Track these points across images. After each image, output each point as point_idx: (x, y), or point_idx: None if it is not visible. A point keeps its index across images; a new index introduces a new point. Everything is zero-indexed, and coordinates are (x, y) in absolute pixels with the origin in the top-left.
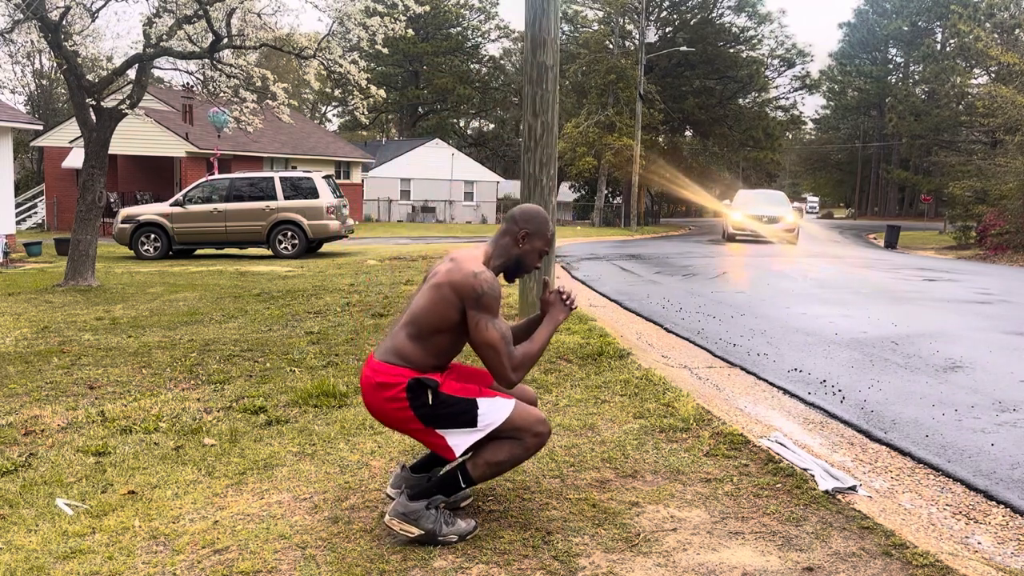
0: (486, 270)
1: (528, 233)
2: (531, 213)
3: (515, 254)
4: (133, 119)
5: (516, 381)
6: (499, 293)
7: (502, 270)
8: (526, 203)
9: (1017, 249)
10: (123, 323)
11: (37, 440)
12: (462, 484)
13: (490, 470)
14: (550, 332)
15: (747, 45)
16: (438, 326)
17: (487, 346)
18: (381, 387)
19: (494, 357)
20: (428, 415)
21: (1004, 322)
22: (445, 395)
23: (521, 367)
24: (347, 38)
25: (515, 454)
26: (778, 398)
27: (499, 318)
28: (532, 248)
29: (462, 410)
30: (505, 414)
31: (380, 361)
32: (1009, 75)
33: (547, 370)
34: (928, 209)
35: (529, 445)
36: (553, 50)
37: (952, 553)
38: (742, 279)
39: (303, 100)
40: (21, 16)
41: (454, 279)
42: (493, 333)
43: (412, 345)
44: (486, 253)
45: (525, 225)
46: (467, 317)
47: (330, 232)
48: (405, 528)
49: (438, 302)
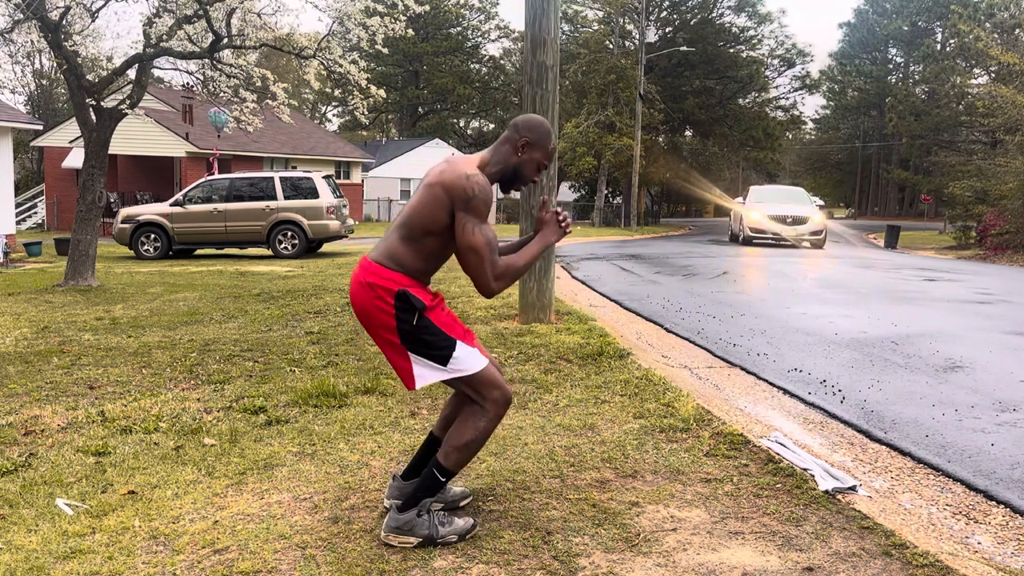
0: (479, 173)
1: (528, 142)
2: (534, 123)
3: (513, 163)
4: (133, 119)
5: (496, 291)
6: (490, 198)
7: (498, 178)
8: (530, 114)
9: (1017, 249)
10: (123, 323)
11: (37, 440)
12: (441, 479)
13: (461, 454)
14: (539, 250)
15: (747, 45)
16: (429, 227)
17: (471, 250)
18: (371, 287)
19: (477, 262)
20: (408, 333)
21: (1004, 322)
22: (430, 322)
23: (503, 277)
24: (347, 38)
25: (479, 427)
26: (778, 398)
27: (487, 224)
28: (531, 159)
29: (440, 344)
30: (477, 367)
31: (373, 261)
32: (1009, 75)
33: (547, 370)
34: (928, 209)
35: (490, 412)
36: (553, 50)
37: (952, 553)
38: (742, 279)
39: (303, 100)
40: (21, 16)
41: (446, 179)
42: (479, 237)
43: (404, 247)
44: (483, 159)
45: (527, 134)
46: (455, 219)
47: (330, 232)
48: (403, 540)
49: (429, 202)
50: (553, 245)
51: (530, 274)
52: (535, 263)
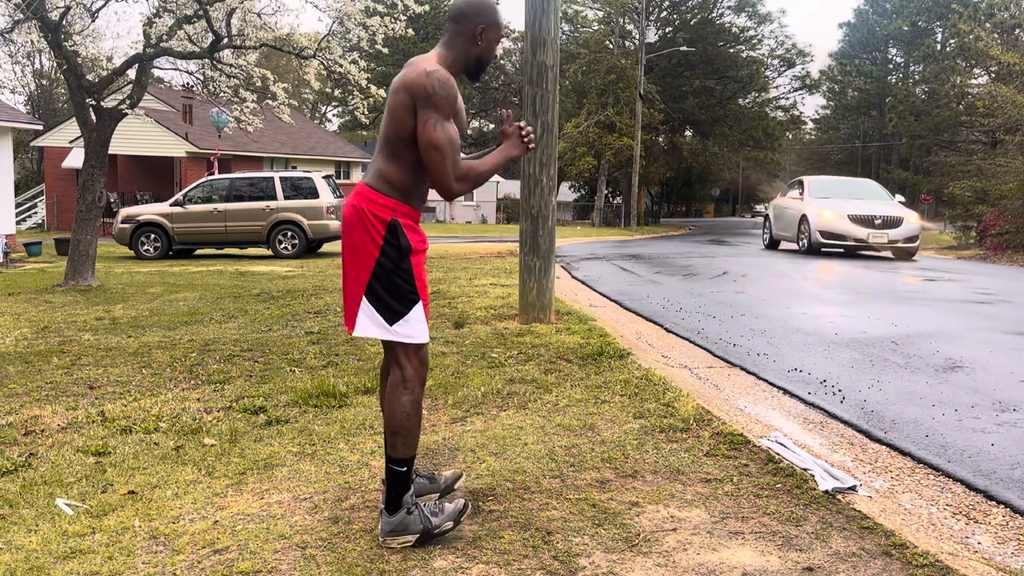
0: (440, 68)
1: (484, 27)
2: (483, 5)
3: (475, 53)
4: (133, 119)
5: (457, 192)
6: (452, 93)
7: (463, 71)
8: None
9: (1017, 249)
10: (123, 323)
11: (37, 440)
12: (400, 469)
13: (403, 437)
14: (501, 159)
15: (747, 45)
16: (402, 135)
17: (432, 147)
18: (363, 212)
19: (438, 160)
20: (384, 268)
21: (1004, 322)
22: (410, 267)
23: (464, 179)
24: (347, 38)
25: (403, 403)
26: (778, 398)
27: (450, 122)
28: (491, 41)
29: (404, 296)
30: (419, 339)
31: (366, 185)
32: (1009, 75)
33: (547, 370)
34: (928, 209)
35: (411, 383)
36: (553, 50)
37: (952, 553)
38: (742, 279)
39: (303, 100)
40: (21, 16)
41: (407, 79)
42: (440, 134)
43: (389, 164)
44: (440, 55)
45: (479, 19)
46: (417, 118)
47: (330, 232)
48: (402, 541)
49: (398, 109)
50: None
51: (530, 274)
52: (495, 173)
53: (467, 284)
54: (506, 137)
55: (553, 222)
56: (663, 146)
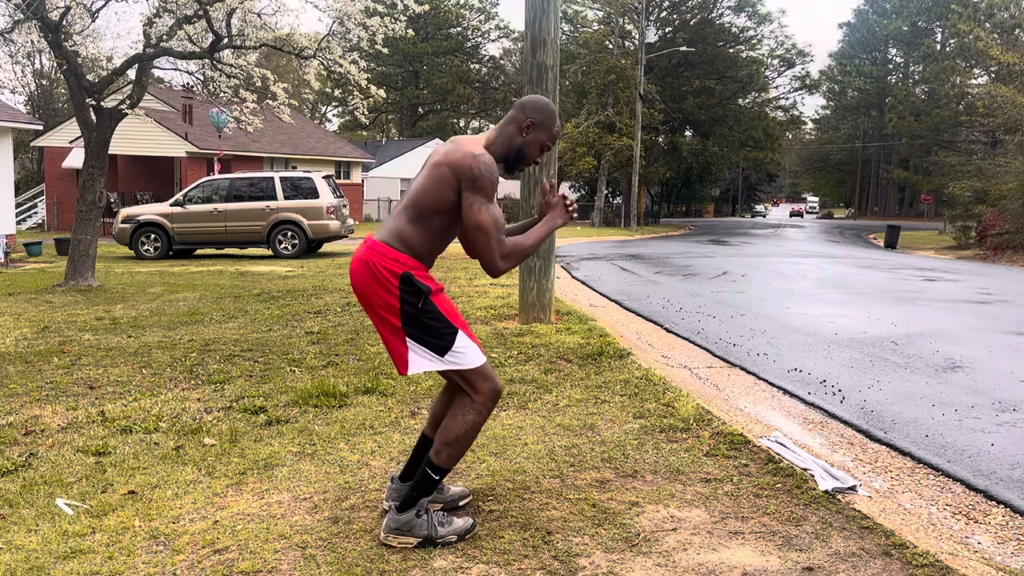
0: (485, 152)
1: (533, 123)
2: (540, 104)
3: (518, 143)
4: (133, 119)
5: (503, 270)
6: (496, 177)
7: (502, 158)
8: (535, 95)
9: (1017, 249)
10: (123, 323)
11: (37, 440)
12: (434, 477)
13: (452, 450)
14: (546, 232)
15: (747, 45)
16: (436, 207)
17: (478, 229)
18: (374, 267)
19: (484, 241)
20: (410, 315)
21: (1004, 322)
22: (435, 306)
23: (510, 257)
24: (347, 38)
25: (468, 421)
26: (778, 398)
27: (493, 203)
28: (535, 139)
29: (442, 331)
30: (475, 362)
31: (379, 241)
32: (1009, 75)
33: (547, 370)
34: (928, 209)
35: (479, 405)
36: (553, 50)
37: (952, 553)
38: (742, 279)
39: (303, 100)
40: (21, 16)
41: (452, 159)
42: (485, 216)
43: (411, 227)
44: (488, 138)
45: (532, 115)
46: (461, 198)
47: (330, 232)
48: (403, 541)
49: (436, 182)
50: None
51: (530, 274)
52: (540, 246)
53: (467, 284)
54: (550, 207)
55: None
56: (663, 146)
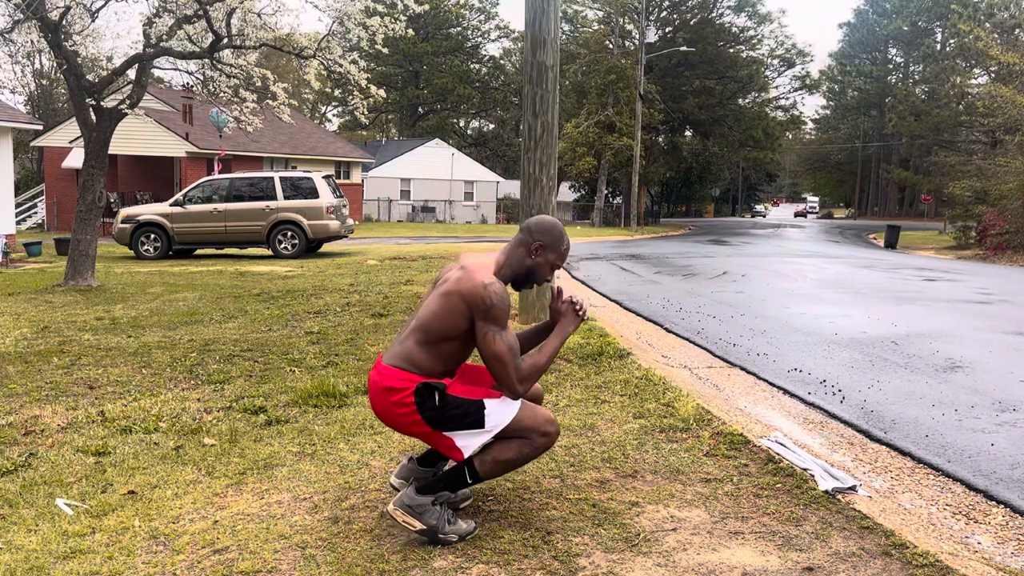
0: (496, 281)
1: (542, 246)
2: (547, 226)
3: (527, 265)
4: (133, 119)
5: (523, 393)
6: (508, 304)
7: (511, 280)
8: (543, 215)
9: (1017, 249)
10: (123, 323)
11: (37, 440)
12: (468, 480)
13: (498, 467)
14: (560, 343)
15: (747, 45)
16: (447, 334)
17: (495, 359)
18: (389, 391)
19: (501, 370)
20: (435, 418)
21: (1004, 322)
22: (452, 397)
23: (528, 379)
24: (347, 38)
25: (524, 453)
26: (778, 398)
27: (507, 330)
28: (545, 261)
29: (469, 412)
30: (512, 414)
31: (388, 365)
32: (1009, 75)
33: (547, 370)
34: (928, 209)
35: (538, 444)
36: (553, 50)
37: (952, 553)
38: (742, 279)
39: (303, 100)
40: (21, 16)
41: (463, 289)
42: (501, 346)
43: (420, 351)
44: (497, 262)
45: (540, 237)
46: (475, 328)
47: (330, 232)
48: (408, 520)
49: (447, 310)
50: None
51: None
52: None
53: None
54: (560, 315)
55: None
56: (663, 146)
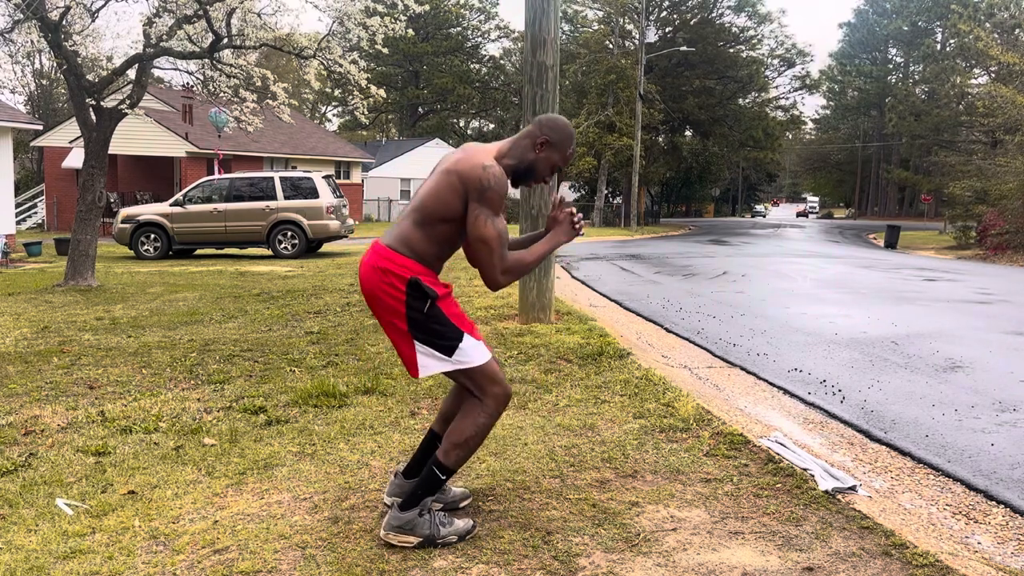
0: (496, 164)
1: (548, 141)
2: (558, 124)
3: (529, 159)
4: (133, 119)
5: (503, 284)
6: (504, 190)
7: (511, 172)
8: (556, 115)
9: (1017, 249)
10: (123, 323)
11: (37, 440)
12: (441, 476)
13: (460, 451)
14: (549, 248)
15: (747, 45)
16: (442, 215)
17: (482, 241)
18: (383, 272)
19: (487, 254)
20: (416, 320)
21: (1004, 322)
22: (440, 311)
23: (511, 272)
24: (347, 38)
25: (478, 423)
26: (778, 398)
27: (500, 217)
28: (548, 158)
29: (447, 335)
30: (481, 360)
31: (385, 246)
32: (1009, 75)
33: (547, 370)
34: (928, 209)
35: (489, 407)
36: (553, 50)
37: (952, 553)
38: (742, 279)
39: (303, 100)
40: (21, 16)
41: (462, 168)
42: (490, 229)
43: (416, 232)
44: (500, 150)
45: (548, 133)
46: (468, 209)
47: (330, 232)
48: (403, 540)
49: (445, 189)
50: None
51: (530, 274)
52: (543, 261)
53: (467, 284)
54: (557, 223)
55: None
56: (663, 146)
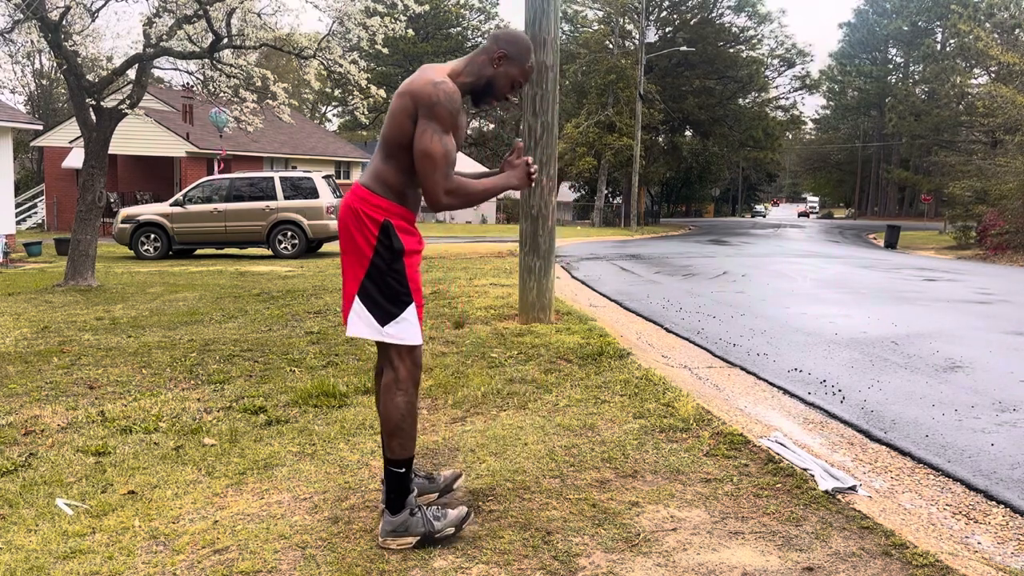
0: (448, 81)
1: (506, 55)
2: (515, 36)
3: (487, 75)
4: (133, 119)
5: (445, 205)
6: (456, 108)
7: (469, 90)
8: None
9: (1017, 249)
10: (123, 323)
11: (37, 440)
12: (399, 471)
13: (399, 438)
14: (498, 186)
15: (747, 45)
16: (400, 140)
17: (426, 156)
18: (357, 213)
19: (430, 169)
20: (378, 268)
21: (1004, 322)
22: (403, 268)
23: (454, 193)
24: (347, 38)
25: (399, 404)
26: (778, 398)
27: (449, 136)
28: (506, 73)
29: (396, 298)
30: (413, 341)
31: (362, 185)
32: (1009, 75)
33: (547, 370)
34: (928, 209)
35: (403, 383)
36: (553, 50)
37: (952, 553)
38: (742, 279)
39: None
40: (21, 16)
41: (414, 86)
42: (436, 145)
43: (384, 166)
44: (454, 68)
45: (505, 47)
46: (416, 126)
47: (330, 232)
48: (401, 542)
49: (399, 113)
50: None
51: (530, 274)
52: (489, 198)
53: (467, 284)
54: (511, 167)
55: (553, 222)
56: (663, 146)
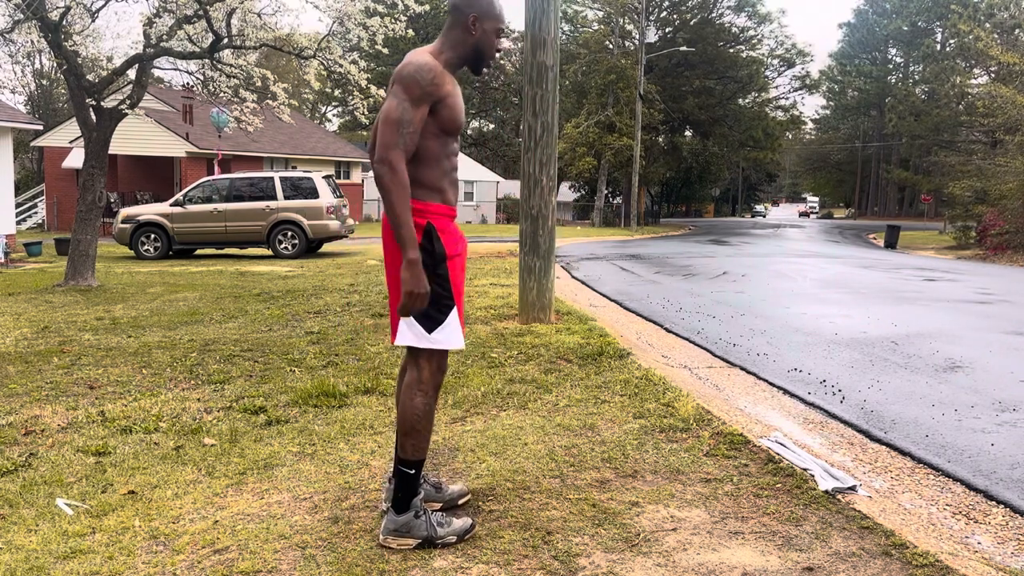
0: (425, 57)
1: (477, 16)
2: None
3: (471, 42)
4: (133, 119)
5: (375, 168)
6: (428, 79)
7: (460, 63)
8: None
9: (1017, 249)
10: (123, 323)
11: (37, 440)
12: (410, 472)
13: (414, 439)
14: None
15: (747, 45)
16: None
17: (386, 122)
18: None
19: (382, 132)
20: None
21: (1004, 322)
22: (447, 273)
23: (391, 167)
24: (347, 38)
25: (417, 405)
26: (778, 398)
27: (417, 110)
28: (487, 31)
29: (441, 302)
30: (457, 345)
31: None
32: (1009, 75)
33: (547, 370)
34: (928, 209)
35: (425, 386)
36: (553, 50)
37: (952, 553)
38: (742, 279)
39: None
40: (21, 16)
41: (398, 70)
42: (394, 111)
43: (412, 166)
44: (433, 47)
45: (470, 8)
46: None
47: (330, 232)
48: (402, 543)
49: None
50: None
51: (530, 274)
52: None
53: (467, 284)
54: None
55: (553, 222)
56: (663, 146)
